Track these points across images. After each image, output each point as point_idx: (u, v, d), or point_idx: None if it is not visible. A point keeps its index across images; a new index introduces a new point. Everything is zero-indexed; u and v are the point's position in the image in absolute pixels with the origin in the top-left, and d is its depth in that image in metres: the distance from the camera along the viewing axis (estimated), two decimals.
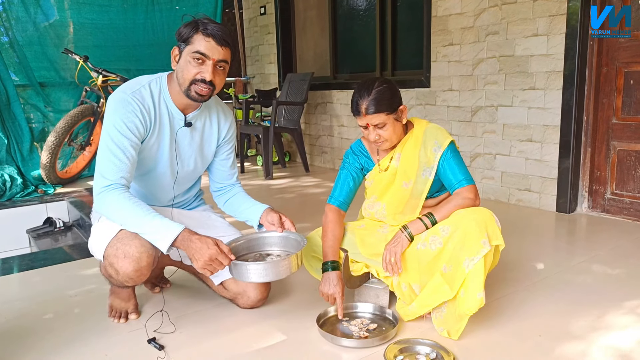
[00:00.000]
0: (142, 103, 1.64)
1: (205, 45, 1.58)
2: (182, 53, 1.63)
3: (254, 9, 5.95)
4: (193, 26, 1.59)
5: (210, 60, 1.59)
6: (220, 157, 1.93)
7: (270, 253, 1.80)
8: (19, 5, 4.46)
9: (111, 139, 1.60)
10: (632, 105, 2.91)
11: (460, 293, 1.56)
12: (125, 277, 1.64)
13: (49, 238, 3.60)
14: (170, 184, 1.85)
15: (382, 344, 1.59)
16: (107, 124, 1.62)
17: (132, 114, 1.62)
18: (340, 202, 1.86)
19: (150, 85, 1.69)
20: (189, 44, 1.59)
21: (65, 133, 4.16)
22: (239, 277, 1.62)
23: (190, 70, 1.61)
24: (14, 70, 4.47)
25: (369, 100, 1.67)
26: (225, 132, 1.89)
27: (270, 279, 1.60)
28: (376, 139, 1.73)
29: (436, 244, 1.65)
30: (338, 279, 1.72)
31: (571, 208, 3.15)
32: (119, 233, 1.62)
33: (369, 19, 4.63)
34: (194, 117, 1.77)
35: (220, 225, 1.97)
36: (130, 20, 5.07)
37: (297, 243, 1.74)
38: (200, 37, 1.58)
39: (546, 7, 3.03)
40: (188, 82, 1.62)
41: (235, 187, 1.99)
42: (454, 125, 3.71)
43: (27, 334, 1.77)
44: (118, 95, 1.64)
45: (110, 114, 1.62)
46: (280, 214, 1.82)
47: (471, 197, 1.69)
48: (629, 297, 1.94)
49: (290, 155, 5.67)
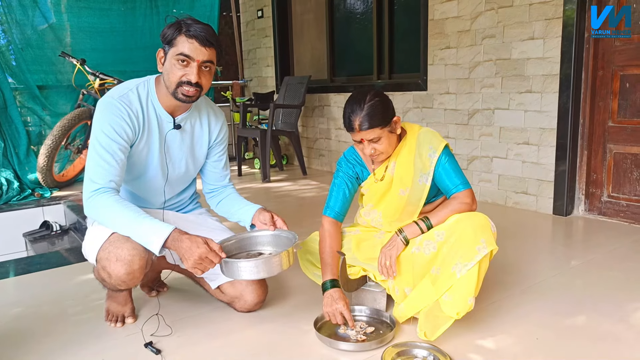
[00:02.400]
0: (129, 107, 1.64)
1: (189, 47, 1.58)
2: (166, 55, 1.63)
3: (251, 12, 5.96)
4: (176, 28, 1.58)
5: (194, 61, 1.59)
6: (212, 159, 1.93)
7: (262, 252, 1.79)
8: (17, 8, 4.46)
9: (99, 144, 1.60)
10: (628, 108, 2.92)
11: (444, 296, 1.55)
12: (117, 281, 1.63)
13: (45, 242, 3.59)
14: (161, 187, 1.84)
15: (380, 347, 1.59)
16: (95, 129, 1.62)
17: (120, 118, 1.61)
18: (336, 212, 1.84)
19: (138, 89, 1.69)
20: (173, 46, 1.59)
21: (62, 136, 4.15)
22: (231, 275, 1.61)
23: (175, 72, 1.60)
24: (10, 74, 4.46)
25: (362, 116, 1.64)
26: (216, 133, 1.89)
27: (262, 276, 1.59)
28: (372, 152, 1.71)
29: (430, 249, 1.64)
30: (340, 295, 1.70)
31: (568, 211, 3.16)
32: (111, 236, 1.62)
33: (366, 22, 4.64)
34: (183, 120, 1.77)
35: (216, 228, 1.96)
36: (129, 24, 5.08)
37: (288, 240, 1.73)
38: (183, 38, 1.58)
39: (542, 10, 3.05)
40: (174, 84, 1.62)
41: (227, 188, 1.98)
42: (451, 128, 3.72)
43: (23, 337, 1.76)
44: (106, 100, 1.64)
45: (98, 118, 1.62)
46: (272, 213, 1.82)
47: (468, 202, 1.69)
48: (625, 300, 1.95)
49: (287, 158, 5.68)
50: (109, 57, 4.95)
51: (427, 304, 1.60)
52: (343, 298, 1.70)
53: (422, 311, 1.64)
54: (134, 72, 5.02)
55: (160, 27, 5.52)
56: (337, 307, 1.68)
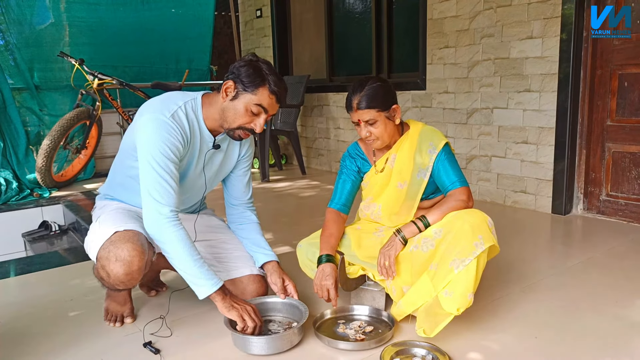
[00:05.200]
0: (180, 126, 1.65)
1: (269, 102, 1.64)
2: (239, 95, 1.64)
3: (250, 12, 5.96)
4: (261, 78, 1.62)
5: (266, 114, 1.65)
6: (237, 173, 1.95)
7: (273, 319, 1.79)
8: (15, 7, 4.45)
9: (157, 163, 1.60)
10: (626, 107, 2.92)
11: (443, 292, 1.55)
12: (116, 281, 1.64)
13: (44, 242, 3.59)
14: (192, 200, 1.91)
15: (379, 346, 1.59)
16: (150, 146, 1.60)
17: (174, 137, 1.62)
18: (340, 205, 1.89)
19: (186, 107, 1.69)
20: (253, 93, 1.62)
21: (60, 136, 4.15)
22: (241, 348, 1.62)
23: (244, 117, 1.65)
24: (9, 74, 4.46)
25: (361, 96, 1.70)
26: (245, 149, 1.92)
27: (272, 352, 1.59)
28: (367, 135, 1.75)
29: (428, 246, 1.65)
30: (332, 271, 1.72)
31: (566, 210, 3.16)
32: (113, 235, 1.62)
33: (365, 22, 4.65)
34: (221, 139, 1.80)
35: (220, 226, 2.02)
36: (119, 20, 5.08)
37: (300, 313, 1.73)
38: (266, 92, 1.63)
39: (541, 9, 3.05)
40: (236, 125, 1.66)
41: (248, 212, 1.99)
42: (450, 128, 3.72)
43: (22, 337, 1.76)
44: (156, 117, 1.62)
45: (151, 137, 1.60)
46: (283, 277, 1.83)
47: (464, 199, 1.70)
48: (624, 298, 1.95)
49: (286, 158, 5.68)
50: (102, 52, 4.95)
51: (425, 300, 1.61)
52: (334, 275, 1.71)
53: (420, 309, 1.64)
54: (126, 67, 5.06)
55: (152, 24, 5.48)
56: (325, 283, 1.70)
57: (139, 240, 1.63)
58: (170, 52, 5.49)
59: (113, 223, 1.68)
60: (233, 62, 1.70)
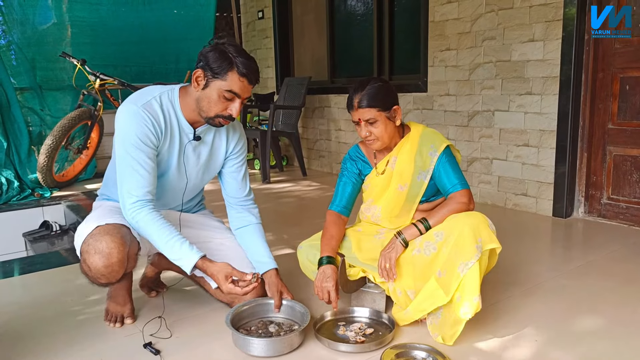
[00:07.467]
0: (152, 115, 1.64)
1: (239, 86, 1.61)
2: (209, 82, 1.62)
3: (251, 13, 5.96)
4: (228, 62, 1.58)
5: (240, 98, 1.63)
6: (230, 170, 1.92)
7: (274, 320, 1.79)
8: (18, 7, 4.46)
9: (128, 154, 1.60)
10: (627, 110, 2.92)
11: (456, 298, 1.56)
12: (97, 274, 1.63)
13: (45, 242, 3.59)
14: (177, 194, 1.87)
15: (379, 348, 1.59)
16: (121, 138, 1.62)
17: (144, 126, 1.62)
18: (340, 207, 1.89)
19: (161, 98, 1.68)
20: (221, 79, 1.59)
21: (62, 136, 4.15)
22: (241, 348, 1.62)
23: (218, 105, 1.63)
24: (11, 73, 4.47)
25: (362, 95, 1.71)
26: (234, 144, 1.88)
27: (272, 355, 1.59)
28: (367, 135, 1.75)
29: (430, 250, 1.65)
30: (332, 273, 1.71)
31: (567, 213, 3.16)
32: (94, 230, 1.63)
33: (367, 24, 4.65)
34: (203, 131, 1.78)
35: (217, 227, 2.01)
36: (121, 20, 5.08)
37: (301, 315, 1.73)
38: (235, 76, 1.59)
39: (542, 12, 3.05)
40: (213, 113, 1.65)
41: (247, 213, 1.96)
42: (451, 130, 3.72)
43: (22, 337, 1.76)
44: (129, 107, 1.63)
45: (122, 127, 1.62)
46: (282, 290, 1.81)
47: (465, 202, 1.70)
48: (625, 301, 1.95)
49: (287, 159, 5.68)
50: (102, 52, 4.96)
51: (435, 306, 1.61)
52: (334, 277, 1.71)
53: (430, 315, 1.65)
54: (126, 67, 5.06)
55: (153, 23, 5.49)
56: (325, 285, 1.70)
57: (119, 232, 1.63)
58: (171, 52, 5.50)
59: (97, 219, 1.68)
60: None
